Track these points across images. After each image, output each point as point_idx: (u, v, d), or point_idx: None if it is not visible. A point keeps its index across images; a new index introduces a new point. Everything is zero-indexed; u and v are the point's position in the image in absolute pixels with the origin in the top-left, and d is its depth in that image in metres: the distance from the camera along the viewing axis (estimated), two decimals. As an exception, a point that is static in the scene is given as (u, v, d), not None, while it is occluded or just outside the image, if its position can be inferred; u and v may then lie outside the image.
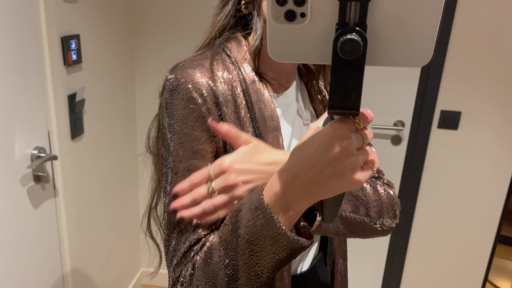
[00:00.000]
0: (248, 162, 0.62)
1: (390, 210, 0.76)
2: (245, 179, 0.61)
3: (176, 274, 0.64)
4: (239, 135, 0.63)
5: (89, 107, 1.77)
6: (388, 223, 0.75)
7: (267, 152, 0.64)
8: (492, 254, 2.05)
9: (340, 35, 0.41)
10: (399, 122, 2.01)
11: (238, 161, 0.62)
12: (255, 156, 0.63)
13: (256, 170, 0.62)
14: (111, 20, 1.91)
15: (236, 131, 0.64)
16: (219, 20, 0.75)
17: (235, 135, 0.63)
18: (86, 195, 1.83)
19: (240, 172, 0.61)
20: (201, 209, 0.63)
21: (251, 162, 0.62)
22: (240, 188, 0.61)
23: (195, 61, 0.68)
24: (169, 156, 0.67)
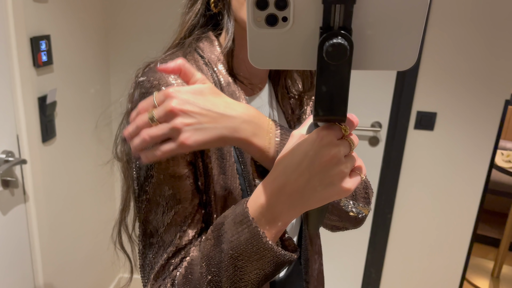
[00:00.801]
0: (198, 96, 0.54)
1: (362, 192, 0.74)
2: (187, 109, 0.52)
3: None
4: (195, 72, 0.56)
5: (62, 110, 1.72)
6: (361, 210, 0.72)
7: (223, 97, 0.56)
8: (469, 253, 2.08)
9: (326, 39, 0.39)
10: (376, 123, 2.02)
11: (188, 91, 0.53)
12: (208, 95, 0.55)
13: (205, 106, 0.53)
14: (84, 20, 1.86)
15: (190, 67, 0.56)
16: (189, 19, 0.72)
17: (190, 70, 0.56)
18: (59, 200, 1.78)
19: (184, 101, 0.52)
20: (140, 138, 0.53)
21: (201, 97, 0.54)
22: (178, 119, 0.52)
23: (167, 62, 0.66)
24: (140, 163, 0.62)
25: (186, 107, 0.52)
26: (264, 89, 0.77)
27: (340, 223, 0.76)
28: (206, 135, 0.53)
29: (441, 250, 2.11)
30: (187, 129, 0.52)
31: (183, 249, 0.61)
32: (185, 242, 0.61)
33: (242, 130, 0.56)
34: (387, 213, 2.10)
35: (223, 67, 0.68)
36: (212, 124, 0.53)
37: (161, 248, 0.61)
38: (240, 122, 0.56)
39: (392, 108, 1.98)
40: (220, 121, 0.54)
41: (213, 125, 0.53)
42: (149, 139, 0.53)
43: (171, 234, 0.61)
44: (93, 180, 2.04)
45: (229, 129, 0.55)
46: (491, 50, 1.79)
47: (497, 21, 1.75)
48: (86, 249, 2.05)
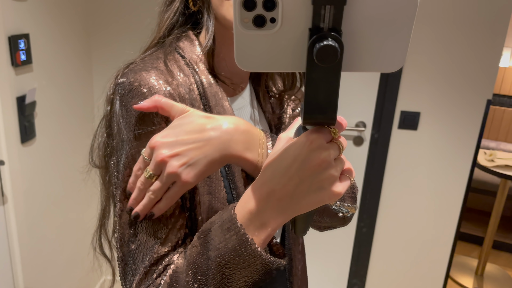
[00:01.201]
0: (179, 133, 0.54)
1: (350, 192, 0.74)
2: (175, 152, 0.53)
3: None
4: (173, 105, 0.56)
5: (42, 110, 1.69)
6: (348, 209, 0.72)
7: (205, 118, 0.56)
8: (452, 251, 2.10)
9: (316, 41, 0.38)
10: (361, 123, 2.03)
11: (168, 134, 0.54)
12: (189, 125, 0.55)
13: (189, 139, 0.54)
14: (65, 18, 1.83)
15: (168, 101, 0.56)
16: (167, 18, 0.69)
17: (168, 105, 0.56)
18: (39, 202, 1.74)
19: (169, 145, 0.53)
20: (148, 199, 0.56)
21: (183, 132, 0.54)
22: (171, 163, 0.53)
23: (148, 63, 0.62)
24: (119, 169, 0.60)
25: (173, 150, 0.53)
26: (246, 88, 0.75)
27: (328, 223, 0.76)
28: (201, 166, 0.54)
29: (425, 248, 2.13)
30: (182, 169, 0.53)
31: (166, 255, 0.59)
32: (168, 248, 0.59)
33: (232, 147, 0.56)
34: (372, 211, 2.11)
35: (205, 67, 0.67)
36: (201, 154, 0.54)
37: (141, 254, 0.59)
38: (229, 140, 0.56)
39: (376, 108, 1.98)
40: (208, 147, 0.54)
41: (203, 155, 0.54)
42: (155, 196, 0.56)
43: (152, 240, 0.59)
44: (75, 182, 2.01)
45: (219, 151, 0.55)
46: (473, 51, 1.81)
47: (479, 22, 1.77)
48: (68, 251, 2.02)
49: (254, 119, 0.77)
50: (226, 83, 0.69)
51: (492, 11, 1.75)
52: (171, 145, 0.54)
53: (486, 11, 1.75)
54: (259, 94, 0.80)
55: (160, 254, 0.58)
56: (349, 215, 0.73)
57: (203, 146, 0.54)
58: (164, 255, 0.59)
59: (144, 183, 0.56)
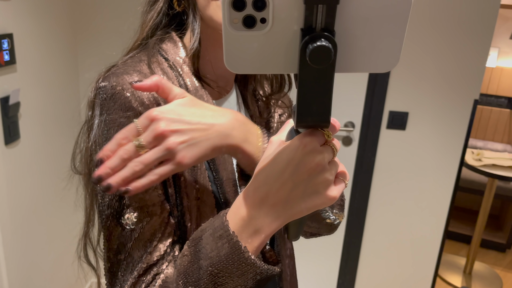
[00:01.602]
0: (182, 111, 0.52)
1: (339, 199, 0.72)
2: (177, 128, 0.51)
3: None
4: (173, 87, 0.54)
5: (26, 111, 1.66)
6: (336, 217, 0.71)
7: (206, 106, 0.55)
8: (441, 249, 2.11)
9: (308, 42, 0.37)
10: (350, 123, 2.03)
11: (170, 110, 0.52)
12: (193, 107, 0.53)
13: (193, 120, 0.52)
14: (50, 17, 1.80)
15: (168, 82, 0.54)
16: (150, 19, 0.67)
17: (168, 86, 0.54)
18: (24, 205, 1.71)
19: (171, 120, 0.51)
20: (130, 170, 0.50)
21: (186, 112, 0.53)
22: (171, 139, 0.50)
23: (130, 66, 0.60)
24: None
25: (175, 126, 0.51)
26: (231, 91, 0.74)
27: (316, 229, 0.75)
28: (202, 149, 0.52)
29: (414, 247, 2.13)
30: (181, 147, 0.51)
31: (155, 265, 0.57)
32: (157, 257, 0.57)
33: (233, 136, 0.55)
34: (361, 211, 2.11)
35: (189, 70, 0.65)
36: (204, 136, 0.52)
37: (130, 264, 0.57)
38: (231, 128, 0.55)
39: (365, 108, 1.99)
40: (212, 131, 0.53)
41: (206, 137, 0.53)
42: (143, 167, 0.50)
43: (140, 249, 0.57)
44: (60, 185, 1.98)
45: (221, 137, 0.54)
46: (461, 51, 1.82)
47: (466, 22, 1.78)
48: (55, 255, 1.98)
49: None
50: (211, 86, 0.68)
51: (479, 11, 1.76)
52: (172, 121, 0.51)
53: (473, 12, 1.76)
54: (246, 97, 0.78)
55: (149, 264, 0.57)
56: (336, 222, 0.72)
57: (206, 129, 0.53)
58: (152, 264, 0.57)
59: (129, 152, 0.50)
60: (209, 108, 0.55)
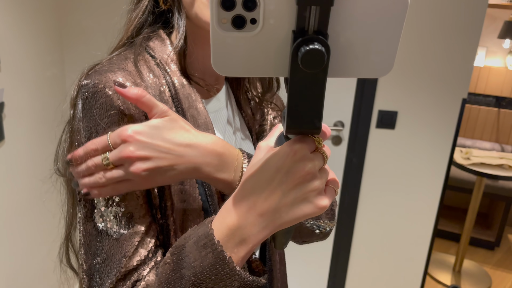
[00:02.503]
0: (155, 136, 0.52)
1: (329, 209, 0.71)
2: (144, 155, 0.51)
3: None
4: (156, 103, 0.53)
5: (11, 112, 1.63)
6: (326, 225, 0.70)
7: (184, 131, 0.54)
8: (430, 248, 2.12)
9: (300, 45, 0.35)
10: (339, 123, 2.03)
11: (144, 132, 0.51)
12: (168, 132, 0.53)
13: (163, 148, 0.52)
14: (36, 16, 1.77)
15: (151, 98, 0.53)
16: (135, 17, 0.65)
17: (150, 102, 0.53)
18: (8, 209, 1.68)
19: (141, 145, 0.51)
20: (94, 180, 0.52)
21: (160, 137, 0.52)
22: (136, 165, 0.51)
23: (115, 64, 0.59)
24: None
25: (143, 152, 0.51)
26: (221, 90, 0.72)
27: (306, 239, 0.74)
28: (165, 178, 0.53)
29: (404, 246, 2.14)
30: (145, 174, 0.51)
31: (135, 270, 0.55)
32: (137, 262, 0.55)
33: (204, 167, 0.54)
34: (351, 210, 2.11)
35: (176, 68, 0.63)
36: (170, 166, 0.52)
37: (108, 268, 0.55)
38: (202, 160, 0.54)
39: (354, 108, 1.99)
40: (180, 163, 0.52)
41: (172, 168, 0.52)
42: (104, 181, 0.52)
43: (118, 253, 0.55)
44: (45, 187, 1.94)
45: (188, 170, 0.53)
46: (449, 50, 1.83)
47: (454, 22, 1.78)
48: (39, 261, 1.95)
49: (231, 123, 0.74)
50: (200, 84, 0.66)
51: (467, 11, 1.76)
52: (143, 145, 0.51)
53: (461, 11, 1.77)
54: (239, 99, 0.77)
55: (128, 269, 0.55)
56: (327, 230, 0.71)
57: (174, 159, 0.52)
58: (132, 269, 0.55)
59: (97, 166, 0.53)
60: (185, 135, 0.54)
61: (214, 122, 0.69)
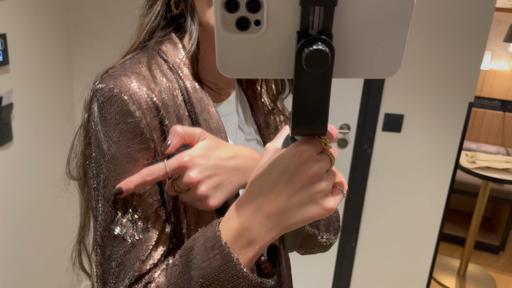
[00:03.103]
0: (210, 157, 0.56)
1: (336, 223, 0.72)
2: (207, 176, 0.55)
3: None
4: (193, 131, 0.56)
5: (20, 112, 1.64)
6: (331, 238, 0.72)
7: (225, 146, 0.58)
8: (435, 251, 2.11)
9: (304, 46, 0.35)
10: (345, 126, 2.03)
11: (200, 155, 0.55)
12: (215, 151, 0.57)
13: (219, 165, 0.56)
14: (44, 18, 1.78)
15: (188, 129, 0.56)
16: (148, 22, 0.66)
17: (190, 133, 0.56)
18: (16, 209, 1.69)
19: (201, 167, 0.54)
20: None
21: (212, 157, 0.56)
22: (203, 187, 0.54)
23: (128, 68, 0.59)
24: (99, 180, 0.57)
25: (205, 174, 0.55)
26: (232, 94, 0.73)
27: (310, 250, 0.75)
28: (228, 191, 0.57)
29: (409, 249, 2.14)
30: (212, 193, 0.55)
31: (147, 273, 0.56)
32: (150, 266, 0.56)
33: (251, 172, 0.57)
34: (356, 212, 2.11)
35: (189, 72, 0.64)
36: (229, 179, 0.57)
37: (122, 272, 0.55)
38: (248, 165, 0.59)
39: (361, 110, 1.99)
40: (234, 175, 0.57)
41: (230, 180, 0.57)
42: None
43: (133, 257, 0.56)
44: (54, 187, 1.95)
45: (242, 179, 0.58)
46: (456, 54, 1.83)
47: (461, 25, 1.78)
48: (46, 262, 1.96)
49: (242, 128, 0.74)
50: (212, 88, 0.66)
51: (474, 14, 1.76)
52: (203, 167, 0.55)
53: (468, 14, 1.77)
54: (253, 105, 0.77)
55: (141, 272, 0.56)
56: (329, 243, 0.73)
57: (230, 173, 0.57)
58: (145, 273, 0.56)
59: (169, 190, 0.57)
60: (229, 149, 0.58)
61: (226, 127, 0.69)
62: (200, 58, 0.65)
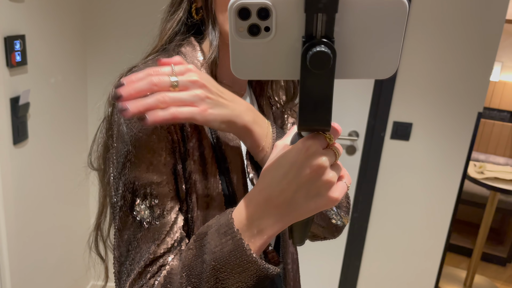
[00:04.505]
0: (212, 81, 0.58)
1: (345, 201, 0.75)
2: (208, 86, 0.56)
3: None
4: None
5: (35, 111, 1.68)
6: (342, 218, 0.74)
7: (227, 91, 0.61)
8: (442, 262, 2.11)
9: (309, 48, 0.40)
10: (354, 133, 2.04)
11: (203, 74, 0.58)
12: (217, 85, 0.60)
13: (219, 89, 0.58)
14: (62, 20, 1.83)
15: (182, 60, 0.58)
16: (170, 27, 0.70)
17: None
18: (30, 205, 1.72)
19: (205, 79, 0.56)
20: (156, 100, 0.52)
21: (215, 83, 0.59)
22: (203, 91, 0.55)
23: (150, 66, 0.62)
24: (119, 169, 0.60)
25: (207, 83, 0.56)
26: (244, 96, 0.76)
27: (319, 231, 0.77)
28: (221, 112, 0.57)
29: (415, 259, 2.14)
30: (208, 102, 0.56)
31: (161, 257, 0.59)
32: (164, 250, 0.59)
33: (246, 116, 0.60)
34: (363, 221, 2.12)
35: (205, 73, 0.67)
36: (225, 104, 0.58)
37: (138, 255, 0.59)
38: (245, 109, 0.61)
39: (369, 118, 2.00)
40: (231, 104, 0.59)
41: (226, 105, 0.58)
42: (169, 101, 0.53)
43: (149, 241, 0.59)
44: (67, 185, 1.99)
45: (236, 113, 0.59)
46: (465, 64, 1.84)
47: (472, 36, 1.80)
48: (57, 255, 1.99)
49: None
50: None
51: (484, 25, 1.78)
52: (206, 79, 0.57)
53: (478, 26, 1.78)
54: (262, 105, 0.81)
55: (156, 256, 0.59)
56: (341, 225, 0.74)
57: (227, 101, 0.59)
58: (159, 256, 0.59)
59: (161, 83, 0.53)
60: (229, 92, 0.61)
61: None
62: (219, 63, 0.69)
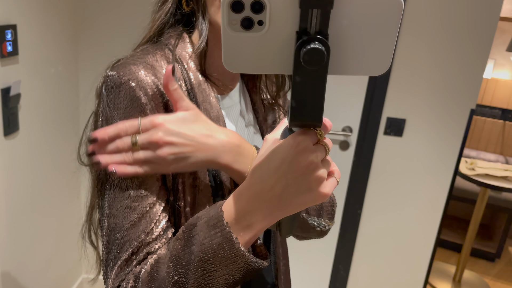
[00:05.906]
0: (183, 126, 0.58)
1: (329, 209, 0.75)
2: (171, 141, 0.57)
3: (114, 285, 0.58)
4: (183, 97, 0.59)
5: (26, 103, 1.66)
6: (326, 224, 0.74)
7: (206, 124, 0.60)
8: (432, 257, 2.13)
9: (303, 44, 0.39)
10: (347, 128, 2.05)
11: (173, 121, 0.58)
12: (192, 124, 0.59)
13: (189, 136, 0.58)
14: (54, 11, 1.80)
15: (181, 92, 0.59)
16: (159, 18, 0.70)
17: (179, 95, 0.59)
18: (20, 197, 1.71)
19: (170, 132, 0.57)
20: (121, 159, 0.58)
21: (186, 127, 0.58)
22: (164, 149, 0.57)
23: (137, 58, 0.64)
24: None
25: (171, 138, 0.57)
26: (234, 89, 0.76)
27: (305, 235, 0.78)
28: (187, 164, 0.58)
29: (406, 254, 2.15)
30: (170, 158, 0.57)
31: (148, 245, 0.60)
32: (151, 239, 0.60)
33: (221, 158, 0.60)
34: (355, 216, 2.13)
35: (194, 65, 0.68)
36: (193, 153, 0.58)
37: (126, 243, 0.59)
38: (221, 151, 0.60)
39: (363, 114, 2.01)
40: (202, 151, 0.58)
41: (195, 155, 0.58)
42: (131, 161, 0.58)
43: (136, 230, 0.60)
44: (58, 176, 1.97)
45: (208, 158, 0.59)
46: (459, 61, 1.85)
47: (465, 33, 1.81)
48: (48, 248, 1.98)
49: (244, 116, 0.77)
50: (216, 83, 0.70)
51: (478, 23, 1.78)
52: (170, 133, 0.57)
53: (472, 23, 1.79)
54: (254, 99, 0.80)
55: (142, 243, 0.59)
56: (326, 228, 0.75)
57: (196, 147, 0.58)
58: (145, 244, 0.60)
59: (125, 145, 0.58)
60: (207, 127, 0.60)
61: (228, 116, 0.73)
62: (208, 54, 0.68)
